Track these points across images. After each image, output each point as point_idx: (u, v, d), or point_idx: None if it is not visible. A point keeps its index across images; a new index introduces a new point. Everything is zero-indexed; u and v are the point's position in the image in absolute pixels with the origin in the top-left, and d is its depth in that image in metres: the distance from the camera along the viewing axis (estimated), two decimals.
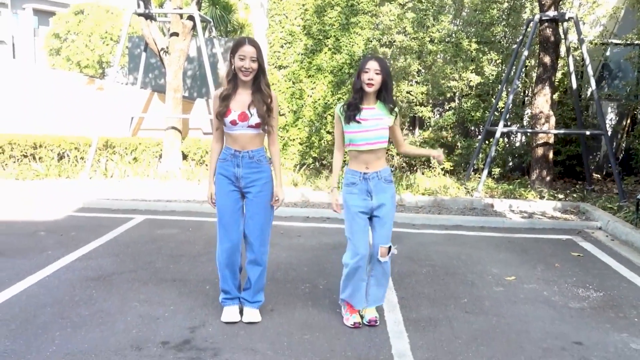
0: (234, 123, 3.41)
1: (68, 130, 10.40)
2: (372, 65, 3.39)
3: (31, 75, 11.27)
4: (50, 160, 9.22)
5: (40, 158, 9.25)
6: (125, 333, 3.42)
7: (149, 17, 9.26)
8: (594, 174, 9.54)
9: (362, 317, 3.65)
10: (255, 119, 3.42)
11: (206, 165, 9.46)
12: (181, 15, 9.31)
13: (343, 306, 3.71)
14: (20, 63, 19.56)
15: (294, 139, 9.61)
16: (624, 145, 9.57)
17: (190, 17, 9.29)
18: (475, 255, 5.35)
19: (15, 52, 46.73)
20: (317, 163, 9.67)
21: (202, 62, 11.50)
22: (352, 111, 3.44)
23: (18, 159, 9.24)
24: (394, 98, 3.60)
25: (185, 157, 9.69)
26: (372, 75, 3.37)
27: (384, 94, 3.46)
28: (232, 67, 3.43)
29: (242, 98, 3.46)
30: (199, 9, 9.42)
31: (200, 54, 11.82)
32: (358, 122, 3.42)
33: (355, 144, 3.45)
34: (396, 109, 3.54)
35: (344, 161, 3.77)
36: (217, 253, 3.64)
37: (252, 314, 3.64)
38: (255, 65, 3.38)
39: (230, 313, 3.64)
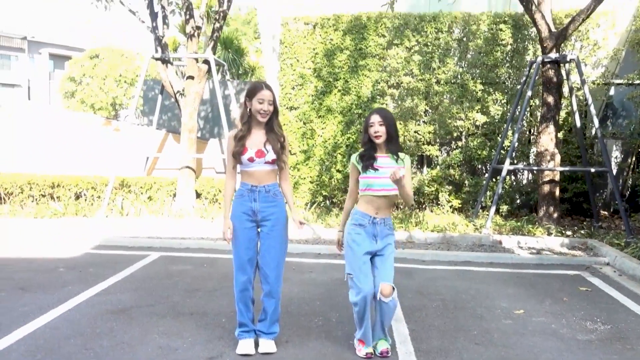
0: (251, 160, 3.62)
1: (85, 170, 10.70)
2: (375, 118, 3.63)
3: (49, 117, 11.67)
4: (68, 199, 9.48)
5: (58, 197, 9.52)
6: None
7: (166, 61, 9.65)
8: (602, 211, 9.65)
9: (374, 348, 3.76)
10: (271, 155, 3.64)
11: (219, 203, 9.68)
12: (197, 60, 9.70)
13: (356, 339, 3.83)
14: (39, 105, 20.16)
15: (305, 178, 9.83)
16: (630, 182, 9.71)
17: (206, 61, 9.67)
18: (484, 290, 5.46)
19: (30, 94, 47.86)
20: (327, 201, 9.86)
21: (215, 103, 11.87)
22: (367, 160, 3.65)
23: (36, 199, 9.52)
24: (401, 145, 3.79)
25: (198, 195, 9.92)
26: (377, 128, 3.62)
27: (390, 144, 3.67)
28: (248, 110, 3.67)
29: (257, 137, 3.69)
30: (214, 53, 9.81)
31: (213, 95, 12.21)
32: (376, 169, 3.62)
33: (372, 189, 3.63)
34: (402, 157, 3.71)
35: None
36: (234, 286, 3.78)
37: (268, 345, 3.76)
38: (271, 108, 3.64)
39: (245, 346, 3.76)
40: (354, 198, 3.83)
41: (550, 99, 8.21)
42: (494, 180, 9.06)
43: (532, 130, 9.72)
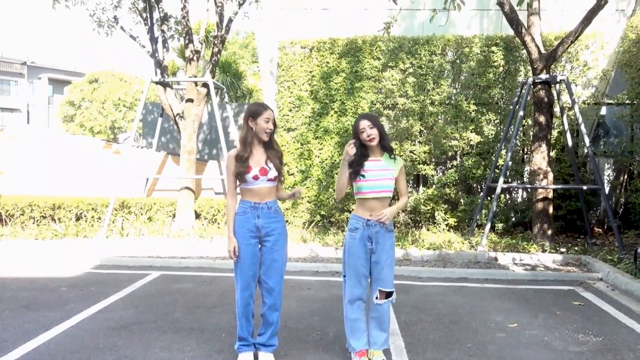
0: (255, 178, 3.77)
1: (85, 192, 10.82)
2: (364, 123, 3.75)
3: (50, 140, 11.83)
4: (69, 220, 9.59)
5: (59, 219, 9.63)
6: None
7: (165, 85, 9.86)
8: (596, 228, 9.77)
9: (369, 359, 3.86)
10: (273, 172, 3.80)
11: (218, 223, 9.78)
12: (196, 83, 9.90)
13: (352, 352, 3.93)
14: (39, 128, 20.36)
15: (302, 198, 9.96)
16: (622, 199, 9.85)
17: (205, 85, 9.88)
18: (479, 305, 5.56)
19: (29, 119, 48.23)
20: (325, 221, 9.98)
21: (214, 125, 12.06)
22: (355, 167, 3.75)
23: (37, 220, 9.63)
24: (395, 152, 3.92)
25: (198, 216, 10.03)
26: (369, 132, 3.73)
27: (383, 143, 3.80)
28: (253, 130, 3.82)
29: (259, 156, 3.84)
30: (213, 77, 10.02)
31: (212, 118, 12.40)
32: (363, 175, 3.74)
33: (362, 192, 3.78)
34: (398, 158, 3.86)
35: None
36: (237, 301, 3.87)
37: (267, 358, 3.86)
38: (273, 127, 3.80)
39: (245, 359, 3.86)
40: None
41: (542, 119, 8.40)
42: (488, 198, 9.21)
43: (525, 149, 9.90)
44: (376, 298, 3.78)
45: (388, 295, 3.81)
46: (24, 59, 48.57)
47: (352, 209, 3.95)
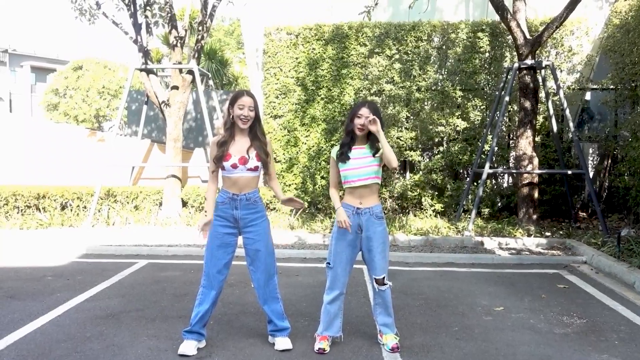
0: (234, 166, 3.75)
1: (70, 181, 10.71)
2: (365, 112, 3.73)
3: (34, 129, 11.68)
4: (54, 210, 9.49)
5: (43, 208, 9.52)
6: None
7: (150, 72, 9.75)
8: (580, 213, 9.88)
9: (383, 344, 3.91)
10: (254, 162, 3.77)
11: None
12: (181, 70, 9.81)
13: (317, 335, 3.95)
14: (23, 117, 20.08)
15: (289, 185, 9.96)
16: (606, 184, 9.96)
17: (190, 72, 9.79)
18: (466, 289, 5.61)
19: (12, 107, 47.39)
20: (312, 207, 9.98)
21: (199, 113, 11.98)
22: (342, 149, 3.81)
23: (22, 210, 9.52)
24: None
25: (184, 204, 9.99)
26: (364, 121, 3.72)
27: (372, 137, 3.80)
28: (231, 117, 3.80)
29: (240, 144, 3.81)
30: (198, 64, 9.93)
31: (197, 105, 12.32)
32: (347, 160, 3.76)
33: (349, 181, 3.79)
34: (379, 147, 3.82)
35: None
36: (200, 293, 3.89)
37: (283, 342, 3.90)
38: (252, 114, 3.78)
39: (185, 346, 3.80)
40: (337, 189, 3.99)
41: (528, 104, 8.44)
42: (475, 184, 9.26)
43: (510, 135, 9.96)
44: (378, 285, 3.81)
45: (383, 281, 3.82)
46: (4, 46, 47.63)
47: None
